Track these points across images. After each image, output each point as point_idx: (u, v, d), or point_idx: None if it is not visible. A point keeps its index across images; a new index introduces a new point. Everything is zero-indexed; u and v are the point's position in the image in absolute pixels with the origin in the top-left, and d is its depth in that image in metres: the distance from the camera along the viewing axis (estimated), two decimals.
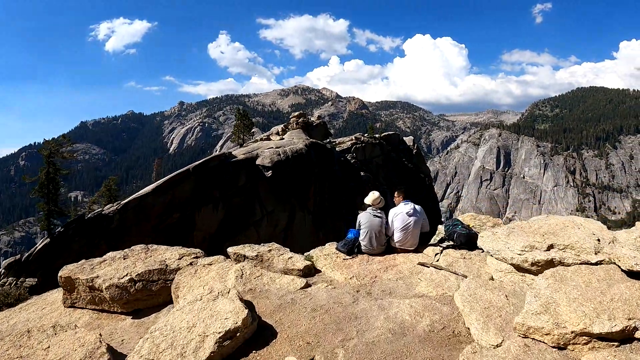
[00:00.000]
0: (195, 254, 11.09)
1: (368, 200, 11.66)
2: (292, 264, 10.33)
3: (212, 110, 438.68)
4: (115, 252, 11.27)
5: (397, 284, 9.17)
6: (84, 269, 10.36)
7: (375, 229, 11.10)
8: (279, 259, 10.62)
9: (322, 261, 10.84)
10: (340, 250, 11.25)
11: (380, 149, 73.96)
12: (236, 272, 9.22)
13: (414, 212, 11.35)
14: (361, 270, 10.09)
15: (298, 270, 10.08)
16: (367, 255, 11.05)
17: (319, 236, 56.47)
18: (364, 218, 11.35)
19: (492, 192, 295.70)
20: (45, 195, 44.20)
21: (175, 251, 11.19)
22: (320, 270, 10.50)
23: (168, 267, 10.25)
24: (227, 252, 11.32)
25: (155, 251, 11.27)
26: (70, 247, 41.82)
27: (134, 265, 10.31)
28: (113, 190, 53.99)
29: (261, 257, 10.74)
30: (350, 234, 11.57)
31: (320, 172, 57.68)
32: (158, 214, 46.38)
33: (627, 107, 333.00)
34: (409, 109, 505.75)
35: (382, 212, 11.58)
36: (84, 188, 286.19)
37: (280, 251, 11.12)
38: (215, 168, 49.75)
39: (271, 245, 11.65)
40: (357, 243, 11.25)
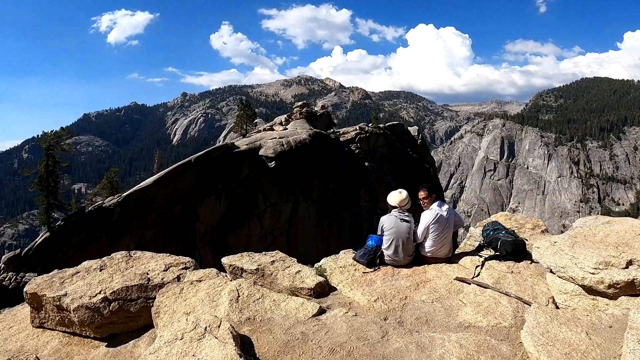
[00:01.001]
0: (184, 263, 9.46)
1: (393, 201, 9.91)
2: (300, 280, 8.57)
3: (215, 101, 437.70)
4: (92, 261, 9.57)
5: (433, 307, 7.40)
6: (53, 284, 8.73)
7: (402, 236, 9.38)
8: (285, 273, 8.87)
9: (338, 276, 9.07)
10: (359, 261, 9.58)
11: (384, 139, 72.69)
12: (231, 293, 7.50)
13: (449, 215, 9.75)
14: (386, 288, 8.30)
15: (308, 289, 8.33)
16: (391, 267, 9.35)
17: (323, 227, 55.59)
18: (389, 223, 9.56)
19: (495, 182, 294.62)
20: (45, 188, 43.32)
21: (161, 260, 9.52)
22: (336, 287, 8.71)
23: (150, 281, 8.59)
24: (222, 263, 9.56)
25: (138, 260, 9.61)
26: (70, 241, 41.18)
27: (111, 279, 8.63)
28: (115, 182, 53.12)
29: (262, 271, 8.96)
30: (371, 240, 9.88)
31: (324, 163, 56.62)
32: (160, 206, 45.57)
33: (632, 97, 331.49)
34: (412, 99, 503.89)
35: (410, 215, 9.79)
36: (88, 180, 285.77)
37: (286, 263, 9.32)
38: (217, 159, 48.82)
39: (274, 254, 9.83)
40: (379, 252, 9.53)
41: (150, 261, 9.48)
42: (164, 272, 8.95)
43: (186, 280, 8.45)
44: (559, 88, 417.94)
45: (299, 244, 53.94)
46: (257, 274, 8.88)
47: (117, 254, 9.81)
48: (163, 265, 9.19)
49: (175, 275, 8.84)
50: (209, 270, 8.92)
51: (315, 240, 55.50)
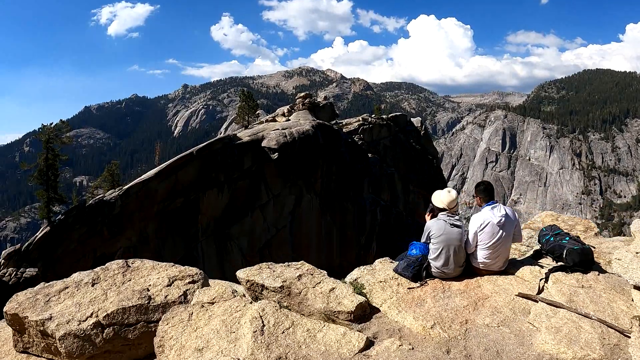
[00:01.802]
0: (190, 276, 8.10)
1: (441, 202, 8.57)
2: (336, 301, 7.06)
3: (216, 92, 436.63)
4: (84, 273, 8.07)
5: (501, 334, 6.31)
6: (37, 303, 7.26)
7: (453, 245, 8.13)
8: (316, 292, 7.33)
9: (379, 293, 7.65)
10: (403, 274, 8.22)
11: (387, 130, 72.32)
12: (253, 321, 6.13)
13: (507, 220, 8.33)
14: (441, 309, 7.04)
15: (347, 312, 6.88)
16: (439, 280, 8.13)
17: (326, 218, 55.39)
18: (438, 228, 8.25)
19: (497, 174, 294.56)
20: (45, 182, 43.02)
21: (163, 272, 8.11)
22: (379, 308, 7.25)
23: (152, 300, 7.25)
24: (238, 277, 7.94)
25: (137, 271, 8.15)
26: (71, 235, 40.90)
27: (105, 298, 7.25)
28: (116, 175, 52.79)
29: (289, 289, 7.40)
30: (415, 249, 8.52)
31: (327, 154, 56.32)
32: (161, 199, 45.38)
33: (634, 90, 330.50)
34: (413, 90, 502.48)
35: (461, 220, 8.54)
36: (89, 172, 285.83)
37: (315, 277, 7.78)
38: (219, 151, 48.55)
39: (300, 266, 8.30)
40: (426, 263, 8.25)
41: (151, 273, 8.10)
42: (168, 287, 7.64)
43: (195, 301, 7.12)
44: (561, 79, 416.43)
45: (302, 236, 53.77)
46: (282, 293, 7.41)
47: (112, 263, 8.42)
48: (166, 279, 7.86)
49: (181, 291, 7.59)
50: (222, 286, 7.57)
51: (319, 232, 55.31)
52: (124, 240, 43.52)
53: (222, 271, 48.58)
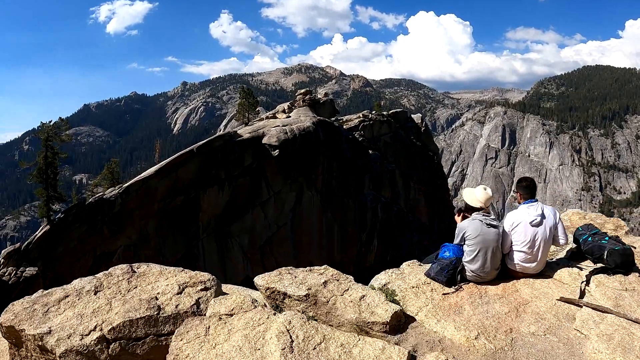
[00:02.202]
0: (202, 282, 7.24)
1: (477, 200, 8.04)
2: (369, 310, 6.45)
3: (215, 90, 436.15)
4: (85, 279, 7.29)
5: (549, 343, 5.89)
6: (34, 314, 6.47)
7: (490, 246, 7.58)
8: (345, 300, 6.72)
9: (413, 300, 7.13)
10: (436, 278, 7.67)
11: (388, 127, 72.12)
12: (280, 337, 5.49)
13: (543, 220, 7.80)
14: (482, 316, 6.58)
15: (382, 323, 6.29)
16: (473, 284, 7.61)
17: (327, 215, 55.22)
18: (474, 229, 7.67)
19: (497, 170, 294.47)
20: (44, 180, 42.72)
21: (172, 277, 7.35)
22: (415, 317, 6.72)
23: (161, 310, 6.54)
24: (256, 284, 7.36)
25: (143, 277, 7.38)
26: (70, 234, 40.69)
27: (109, 308, 6.53)
28: (115, 173, 52.47)
29: (315, 297, 6.78)
30: (448, 251, 7.99)
31: (328, 151, 56.11)
32: (162, 196, 45.19)
33: (634, 86, 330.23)
34: (413, 86, 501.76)
35: (497, 219, 8.00)
36: (88, 170, 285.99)
37: (342, 284, 7.13)
38: (219, 148, 48.35)
39: (323, 271, 7.69)
40: (460, 266, 7.71)
41: (158, 279, 7.33)
42: (178, 295, 6.88)
43: (211, 312, 6.42)
44: (561, 76, 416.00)
45: (303, 233, 53.62)
46: (308, 302, 6.78)
47: (116, 268, 7.66)
48: (176, 286, 7.07)
49: (193, 300, 6.81)
50: (240, 295, 6.72)
51: (320, 229, 55.15)
52: (124, 239, 43.34)
53: (223, 269, 48.43)
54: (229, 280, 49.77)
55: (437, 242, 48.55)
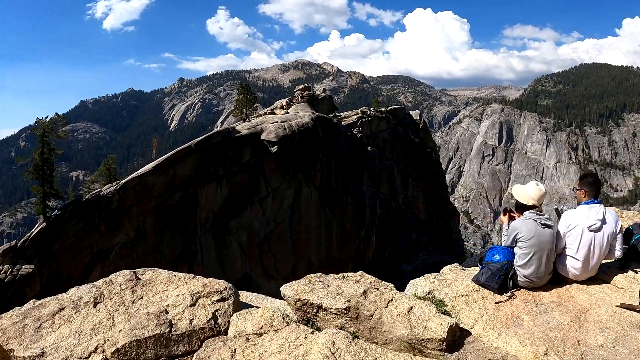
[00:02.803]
0: (219, 292, 6.31)
1: (530, 198, 7.37)
2: (421, 325, 5.71)
3: (212, 86, 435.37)
4: (84, 288, 6.32)
5: (620, 355, 5.43)
6: (25, 330, 5.47)
7: (546, 249, 6.91)
8: (392, 313, 5.95)
9: (465, 310, 6.49)
10: (487, 285, 7.00)
11: (386, 123, 71.93)
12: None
13: (602, 225, 7.06)
14: (543, 327, 6.01)
15: (439, 340, 5.58)
16: (525, 290, 6.97)
17: (325, 212, 54.97)
18: (528, 230, 6.94)
19: (494, 167, 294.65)
20: (40, 177, 42.31)
21: (182, 286, 6.39)
22: (470, 330, 6.10)
23: (174, 327, 5.58)
24: (283, 295, 6.51)
25: (149, 286, 6.39)
26: (67, 231, 40.27)
27: (111, 323, 5.57)
28: (112, 169, 52.12)
29: (356, 310, 5.94)
30: (498, 254, 7.25)
31: (326, 147, 55.85)
32: (159, 193, 44.83)
33: (631, 84, 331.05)
34: (410, 83, 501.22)
35: (550, 218, 7.28)
36: (85, 167, 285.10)
37: (384, 293, 6.33)
38: (218, 144, 47.99)
39: (359, 278, 6.77)
40: (512, 271, 7.03)
41: (167, 288, 6.37)
42: (192, 308, 5.96)
43: (235, 331, 5.59)
44: (558, 73, 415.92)
45: (301, 230, 53.37)
46: (348, 316, 5.91)
47: (118, 275, 6.61)
48: (188, 296, 6.13)
49: (209, 313, 5.88)
50: (268, 310, 5.93)
51: (318, 225, 54.90)
52: (121, 236, 42.99)
53: (221, 266, 48.16)
54: (227, 277, 49.45)
55: (436, 239, 48.69)
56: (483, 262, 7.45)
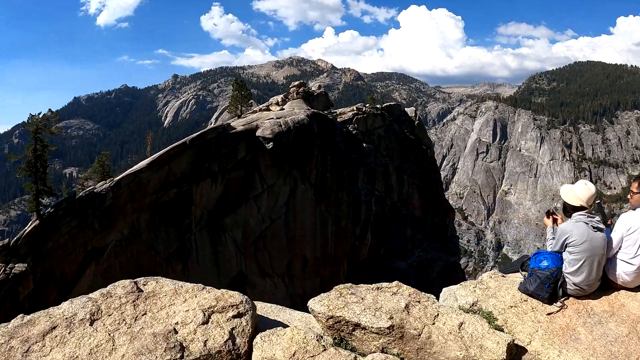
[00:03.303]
0: (234, 306, 5.55)
1: (577, 198, 6.77)
2: (476, 344, 5.11)
3: (206, 82, 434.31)
4: (78, 301, 5.44)
5: None
6: (11, 354, 4.63)
7: (598, 254, 6.44)
8: (441, 330, 5.29)
9: (517, 324, 5.93)
10: (535, 294, 6.47)
11: (382, 120, 71.77)
12: None
13: None
14: (603, 341, 5.56)
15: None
16: (574, 298, 6.49)
17: (321, 209, 54.73)
18: (579, 234, 6.44)
19: (488, 164, 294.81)
20: (33, 174, 41.77)
21: (191, 299, 5.59)
22: (526, 347, 5.56)
23: (186, 351, 4.79)
24: (312, 311, 5.92)
25: (154, 299, 5.57)
26: (60, 228, 39.85)
27: (112, 347, 4.74)
28: (106, 166, 51.59)
29: (401, 328, 5.27)
30: (546, 260, 6.67)
31: (322, 144, 55.62)
32: (154, 190, 44.48)
33: (625, 82, 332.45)
34: (404, 80, 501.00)
35: (600, 220, 6.75)
36: (79, 164, 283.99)
37: (427, 306, 5.64)
38: (213, 140, 47.71)
39: (395, 288, 6.09)
40: (561, 279, 6.51)
41: (174, 301, 5.55)
42: (204, 326, 5.15)
43: (263, 357, 4.89)
44: (552, 71, 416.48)
45: (297, 227, 53.15)
46: (391, 336, 5.23)
47: (117, 286, 5.74)
48: (199, 312, 5.32)
49: (225, 333, 5.08)
50: (299, 331, 5.11)
51: (314, 222, 54.68)
52: (115, 233, 42.64)
53: (216, 263, 47.89)
54: (222, 275, 49.17)
55: (431, 236, 48.41)
56: (525, 267, 7.03)
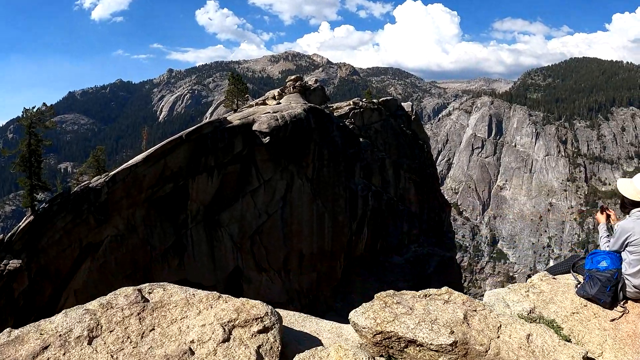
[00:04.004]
0: (258, 319, 4.64)
1: (636, 192, 6.19)
2: (549, 358, 4.49)
3: (201, 77, 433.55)
4: (74, 313, 4.57)
5: None
6: None
7: None
8: (508, 343, 4.59)
9: (582, 331, 5.44)
10: (596, 298, 5.98)
11: (378, 115, 71.46)
12: None
13: None
14: None
15: None
16: (632, 301, 6.00)
17: (317, 204, 54.46)
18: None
19: (483, 160, 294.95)
20: (28, 169, 41.24)
21: (207, 310, 4.71)
22: (596, 359, 5.02)
23: None
24: (355, 325, 4.96)
25: (162, 311, 4.68)
26: (55, 224, 39.37)
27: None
28: (101, 161, 51.17)
29: (465, 344, 4.51)
30: (605, 260, 6.19)
31: (319, 138, 55.33)
32: (150, 184, 44.08)
33: (620, 79, 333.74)
34: (400, 75, 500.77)
35: None
36: (74, 159, 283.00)
37: (487, 317, 4.97)
38: (209, 134, 47.32)
39: (446, 295, 5.45)
40: (622, 281, 6.01)
41: (187, 312, 4.66)
42: (226, 344, 4.30)
43: None
44: (548, 67, 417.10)
45: (293, 222, 52.87)
46: (454, 353, 4.48)
47: (118, 295, 4.87)
48: (218, 327, 4.45)
49: (252, 353, 4.25)
50: (346, 349, 4.27)
51: (310, 217, 54.41)
52: (110, 229, 42.23)
53: (212, 259, 47.59)
54: (218, 270, 48.81)
55: (427, 231, 48.03)
56: (579, 269, 6.66)
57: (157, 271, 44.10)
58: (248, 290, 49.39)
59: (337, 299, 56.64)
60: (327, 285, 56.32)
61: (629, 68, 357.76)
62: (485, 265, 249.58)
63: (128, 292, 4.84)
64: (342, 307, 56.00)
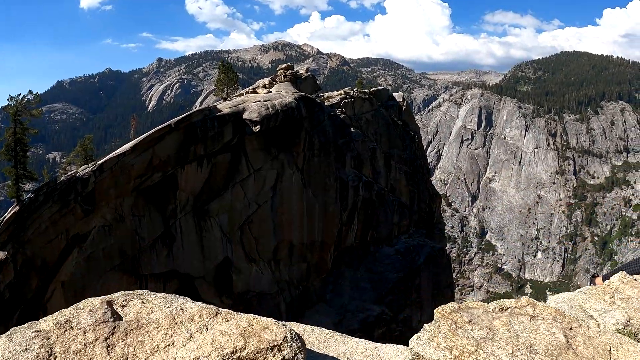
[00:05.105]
0: (274, 346, 3.34)
1: None
2: None
3: (191, 66, 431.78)
4: (20, 338, 3.26)
5: None
6: None
7: None
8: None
9: None
10: None
11: (369, 105, 71.08)
12: None
13: None
14: None
15: None
16: None
17: (308, 194, 54.05)
18: None
19: (472, 151, 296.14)
20: (13, 158, 40.34)
21: (200, 334, 3.35)
22: None
23: None
24: (419, 358, 3.90)
25: (138, 333, 3.36)
26: (41, 215, 38.50)
27: None
28: (89, 150, 50.23)
29: None
30: None
31: (310, 127, 54.85)
32: (138, 174, 43.31)
33: (610, 73, 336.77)
34: (390, 66, 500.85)
35: None
36: (62, 148, 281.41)
37: (590, 336, 4.12)
38: (199, 123, 46.58)
39: (529, 306, 4.70)
40: None
41: (173, 337, 3.36)
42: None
43: None
44: (538, 60, 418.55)
45: (284, 212, 52.43)
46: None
47: (81, 309, 3.66)
48: (231, 356, 3.26)
49: None
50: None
51: (301, 207, 54.01)
52: (98, 219, 41.47)
53: (202, 249, 47.04)
54: (207, 260, 48.15)
55: (417, 222, 47.60)
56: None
57: (145, 262, 43.53)
58: (237, 281, 48.96)
59: (327, 290, 56.36)
60: (317, 276, 55.98)
61: (619, 63, 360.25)
62: (474, 256, 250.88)
63: (95, 306, 3.55)
64: (332, 298, 55.75)
